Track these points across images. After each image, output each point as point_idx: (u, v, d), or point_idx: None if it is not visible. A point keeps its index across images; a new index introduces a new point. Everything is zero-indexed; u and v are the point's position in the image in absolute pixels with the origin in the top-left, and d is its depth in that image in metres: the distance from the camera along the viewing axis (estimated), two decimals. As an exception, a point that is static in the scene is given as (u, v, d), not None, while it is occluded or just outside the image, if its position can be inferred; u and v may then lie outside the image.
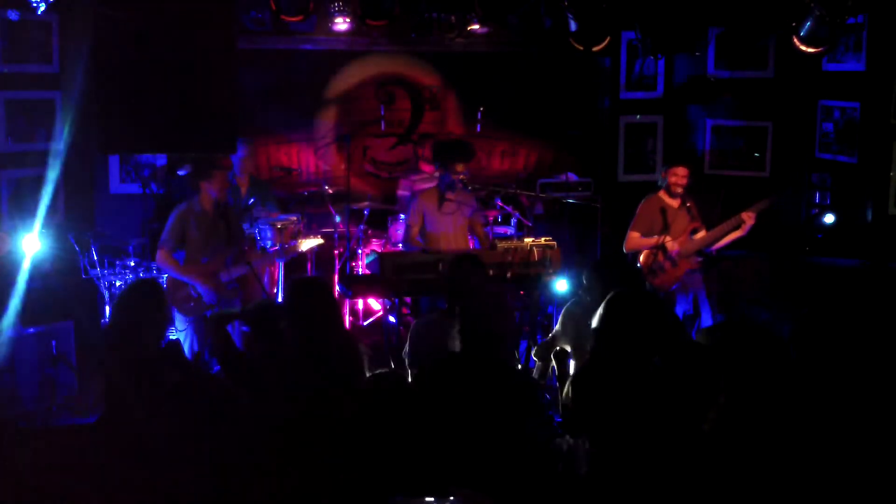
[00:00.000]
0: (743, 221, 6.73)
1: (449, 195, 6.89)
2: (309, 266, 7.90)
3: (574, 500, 3.83)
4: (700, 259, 6.86)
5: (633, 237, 6.93)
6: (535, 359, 5.53)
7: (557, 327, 5.43)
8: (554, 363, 5.32)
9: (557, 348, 5.33)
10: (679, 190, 6.84)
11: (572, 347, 5.22)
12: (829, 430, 3.53)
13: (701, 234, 6.83)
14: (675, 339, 4.17)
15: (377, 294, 7.27)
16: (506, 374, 4.18)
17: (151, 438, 3.82)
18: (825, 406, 3.58)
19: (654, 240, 6.80)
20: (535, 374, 5.44)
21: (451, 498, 3.40)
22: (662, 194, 6.95)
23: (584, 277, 5.25)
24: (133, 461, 3.78)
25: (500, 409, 3.95)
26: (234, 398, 4.15)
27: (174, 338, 5.97)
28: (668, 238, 6.77)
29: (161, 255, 6.16)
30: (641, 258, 6.85)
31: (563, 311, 5.42)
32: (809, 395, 3.62)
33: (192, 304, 6.19)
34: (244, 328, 6.27)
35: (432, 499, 3.40)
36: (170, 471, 3.73)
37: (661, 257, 6.76)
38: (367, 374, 4.25)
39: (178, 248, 6.25)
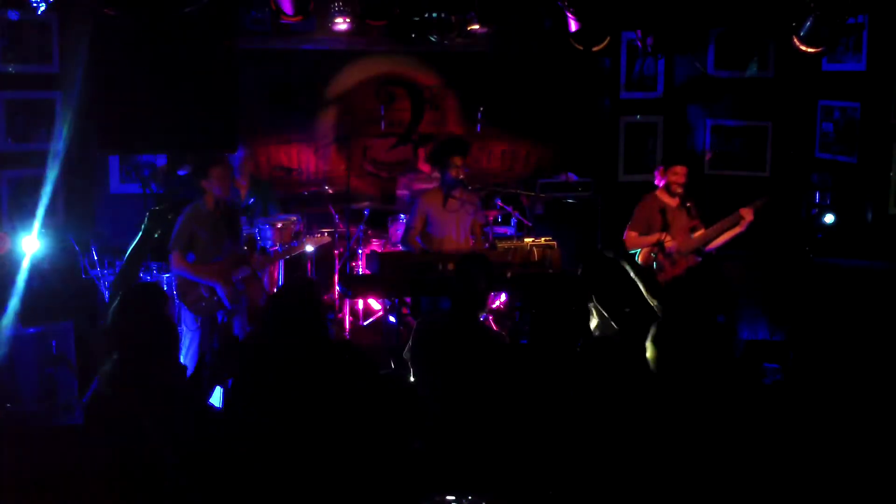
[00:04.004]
0: (742, 218, 6.73)
1: (455, 192, 6.89)
2: (309, 266, 7.90)
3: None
4: (699, 258, 6.86)
5: (631, 236, 6.93)
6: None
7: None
8: None
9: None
10: (679, 189, 6.83)
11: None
12: (826, 428, 3.53)
13: (700, 232, 6.84)
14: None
15: (377, 294, 7.27)
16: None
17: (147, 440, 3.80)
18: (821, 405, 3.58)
19: (653, 237, 6.79)
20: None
21: (470, 497, 3.39)
22: (660, 193, 6.94)
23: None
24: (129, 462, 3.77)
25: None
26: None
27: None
28: (666, 236, 6.77)
29: (175, 259, 6.13)
30: (640, 257, 6.85)
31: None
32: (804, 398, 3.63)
33: (203, 303, 6.19)
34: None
35: (453, 497, 3.39)
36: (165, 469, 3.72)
37: (660, 256, 6.76)
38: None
39: (188, 250, 6.24)
